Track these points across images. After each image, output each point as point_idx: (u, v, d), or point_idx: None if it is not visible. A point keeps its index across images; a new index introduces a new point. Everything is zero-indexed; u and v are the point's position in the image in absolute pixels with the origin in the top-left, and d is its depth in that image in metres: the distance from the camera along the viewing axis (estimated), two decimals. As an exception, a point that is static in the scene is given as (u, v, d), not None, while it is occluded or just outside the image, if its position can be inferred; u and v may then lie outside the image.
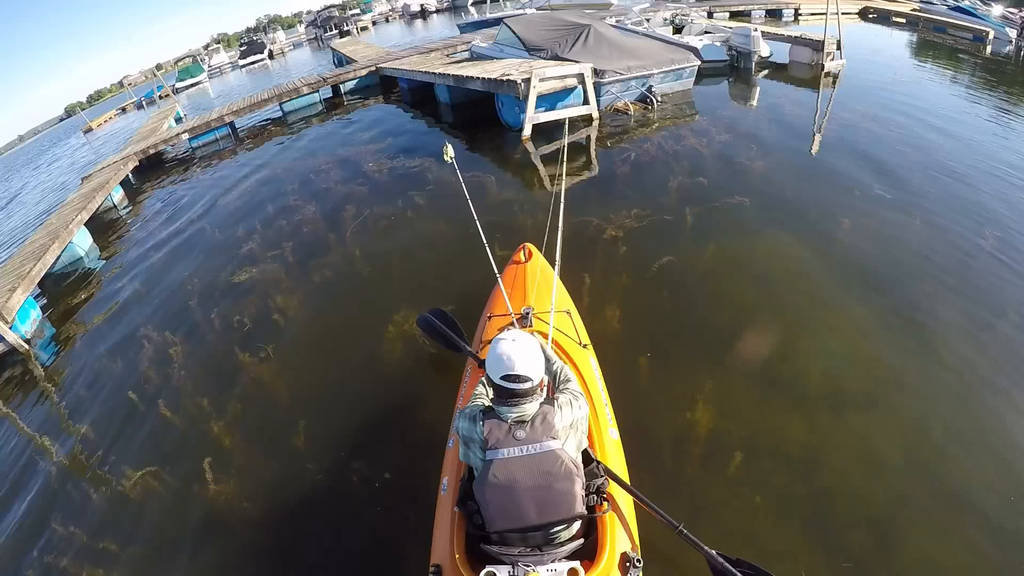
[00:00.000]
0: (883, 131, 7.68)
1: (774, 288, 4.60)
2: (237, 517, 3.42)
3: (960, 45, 14.53)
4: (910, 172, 6.31)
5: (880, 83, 10.52)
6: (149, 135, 14.62)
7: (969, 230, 5.08)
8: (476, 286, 4.32)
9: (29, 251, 7.72)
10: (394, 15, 54.21)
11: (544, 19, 12.26)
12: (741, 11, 19.36)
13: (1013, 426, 3.22)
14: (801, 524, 2.83)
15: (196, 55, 49.77)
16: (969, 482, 2.94)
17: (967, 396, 3.44)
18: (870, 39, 16.05)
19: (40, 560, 3.49)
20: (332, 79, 15.19)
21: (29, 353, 6.06)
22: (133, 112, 34.66)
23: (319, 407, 4.12)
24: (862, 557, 2.66)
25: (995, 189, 5.82)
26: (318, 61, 28.89)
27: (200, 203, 9.42)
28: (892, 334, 3.99)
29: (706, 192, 6.22)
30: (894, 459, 3.10)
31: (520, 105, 8.84)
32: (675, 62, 9.75)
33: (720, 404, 3.52)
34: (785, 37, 13.10)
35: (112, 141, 21.69)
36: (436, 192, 7.44)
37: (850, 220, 5.37)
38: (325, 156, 10.21)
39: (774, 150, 7.34)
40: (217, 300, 5.89)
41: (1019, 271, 4.49)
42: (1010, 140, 7.36)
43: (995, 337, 3.86)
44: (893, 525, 2.79)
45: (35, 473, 4.28)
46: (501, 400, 1.94)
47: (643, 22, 15.17)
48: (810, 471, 3.09)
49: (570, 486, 1.87)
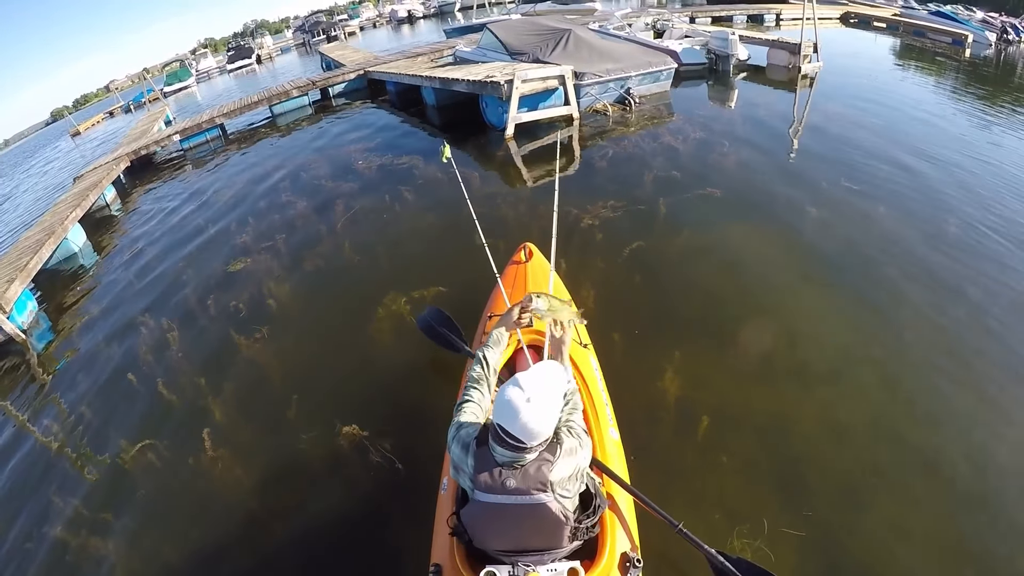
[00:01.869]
0: (854, 128, 8.12)
1: (743, 271, 4.89)
2: (233, 489, 3.58)
3: (939, 49, 15.06)
4: (878, 166, 6.71)
5: (856, 84, 11.04)
6: (140, 137, 14.77)
7: (933, 217, 5.45)
8: (471, 279, 4.47)
9: (24, 246, 7.89)
10: (381, 21, 54.45)
11: (526, 24, 12.66)
12: (723, 16, 19.85)
13: (971, 397, 3.45)
14: (769, 488, 3.02)
15: (184, 60, 49.72)
16: (931, 449, 3.15)
17: (928, 370, 3.69)
18: (849, 43, 16.63)
19: (39, 531, 3.65)
20: (321, 82, 15.47)
21: (26, 343, 6.21)
22: (121, 116, 34.51)
23: (314, 397, 4.27)
24: (828, 518, 2.83)
25: (959, 180, 6.24)
26: (306, 66, 29.04)
27: (193, 200, 9.63)
28: (857, 314, 4.26)
29: (679, 184, 6.59)
30: (859, 428, 3.32)
31: (503, 106, 9.17)
32: (652, 64, 10.15)
33: (690, 376, 3.74)
34: (763, 41, 13.55)
35: (101, 144, 21.72)
36: (424, 187, 7.73)
37: (817, 210, 5.74)
38: (315, 155, 10.47)
39: (747, 146, 7.74)
40: (212, 288, 6.13)
41: (979, 254, 4.83)
42: (980, 134, 7.88)
43: (955, 316, 4.14)
44: (859, 489, 2.98)
45: (33, 452, 4.43)
46: (500, 441, 1.76)
47: (625, 27, 15.60)
48: (777, 439, 3.28)
49: (558, 531, 1.83)
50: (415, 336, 4.07)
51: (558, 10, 21.67)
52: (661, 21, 16.52)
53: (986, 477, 3.01)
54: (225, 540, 3.28)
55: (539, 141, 9.05)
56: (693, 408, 3.50)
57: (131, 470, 3.96)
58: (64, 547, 3.49)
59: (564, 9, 22.23)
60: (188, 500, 3.64)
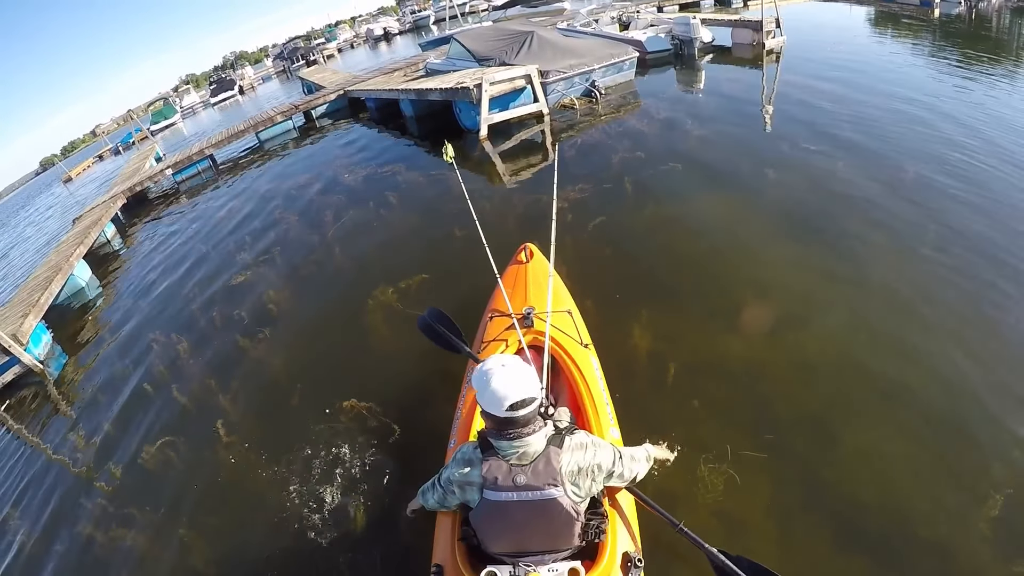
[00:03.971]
0: (816, 95, 8.50)
1: (708, 235, 5.20)
2: (246, 477, 3.84)
3: (907, 12, 15.32)
4: (838, 127, 7.07)
5: (821, 54, 11.43)
6: (133, 175, 15.26)
7: (890, 169, 5.75)
8: (469, 277, 4.69)
9: (34, 284, 8.30)
10: (359, 40, 55.37)
11: (490, 31, 13.17)
12: (691, 3, 20.22)
13: (930, 334, 3.65)
14: (736, 421, 3.21)
15: (167, 97, 50.42)
16: (896, 382, 3.32)
17: (892, 309, 3.89)
18: (817, 16, 16.95)
19: (71, 531, 3.96)
20: (303, 105, 15.98)
21: (44, 372, 6.55)
22: (110, 158, 35.16)
23: (317, 384, 4.62)
24: (803, 452, 3.00)
25: (917, 133, 6.57)
26: (288, 92, 29.59)
27: (191, 227, 10.10)
28: (821, 262, 4.52)
29: (644, 162, 7.02)
30: (826, 366, 3.52)
31: (475, 109, 9.65)
32: (614, 56, 10.64)
33: (660, 331, 4.03)
34: (725, 22, 13.98)
35: (95, 186, 22.20)
36: (408, 192, 8.20)
37: (777, 172, 6.09)
38: (305, 174, 10.93)
39: (710, 122, 8.18)
40: (216, 303, 6.54)
41: (937, 200, 5.10)
42: (937, 86, 8.28)
43: (913, 261, 4.37)
44: (825, 418, 3.16)
45: (60, 465, 4.78)
46: (501, 434, 1.83)
47: (592, 23, 16.07)
48: (747, 381, 3.49)
49: (567, 529, 1.86)
50: (408, 327, 4.18)
51: (528, 13, 22.13)
52: (626, 14, 16.99)
53: (948, 402, 3.17)
54: (239, 531, 3.50)
55: (512, 139, 9.52)
56: (664, 359, 3.76)
57: (152, 467, 4.29)
58: (90, 541, 3.80)
59: (534, 12, 22.71)
60: (203, 488, 3.92)
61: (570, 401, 2.97)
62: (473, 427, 2.68)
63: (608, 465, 1.94)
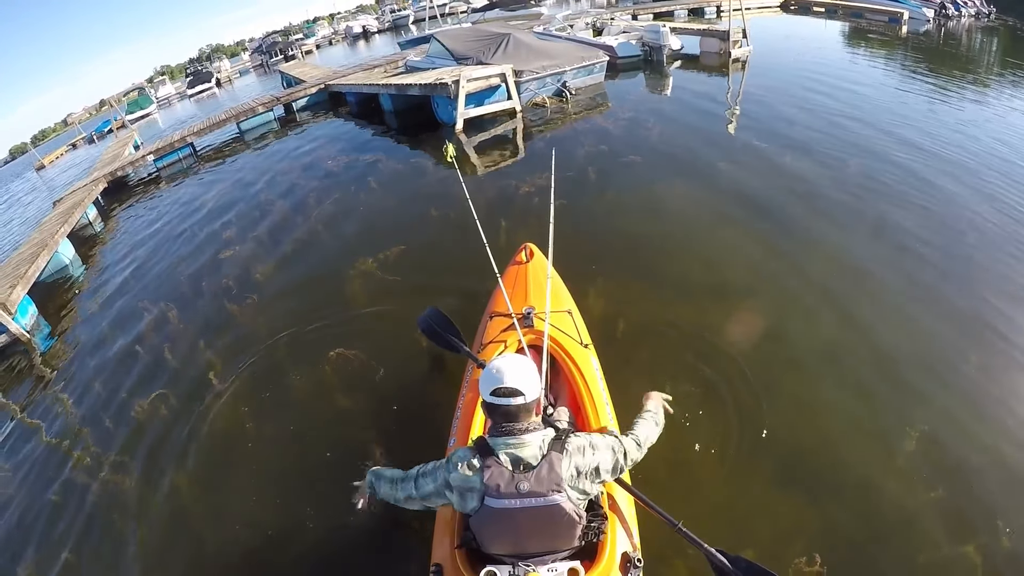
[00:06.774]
0: (773, 99, 9.39)
1: (663, 218, 5.84)
2: (236, 433, 4.07)
3: (874, 27, 16.39)
4: (792, 127, 7.92)
5: (783, 64, 12.40)
6: (112, 160, 15.36)
7: (837, 160, 6.52)
8: (467, 275, 4.84)
9: (19, 259, 8.50)
10: (337, 38, 55.22)
11: (469, 31, 13.83)
12: (664, 12, 21.04)
13: (865, 301, 4.18)
14: (683, 372, 3.65)
15: (142, 88, 49.67)
16: (832, 341, 3.81)
17: (830, 281, 4.43)
18: (785, 28, 17.97)
19: (68, 478, 4.15)
20: (285, 98, 16.31)
21: (30, 343, 6.72)
22: (84, 147, 34.51)
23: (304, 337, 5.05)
24: (742, 400, 3.36)
25: (864, 129, 7.46)
26: (266, 86, 29.45)
27: (175, 209, 10.38)
28: (767, 241, 5.06)
29: (607, 155, 7.71)
30: (770, 328, 3.96)
31: (452, 104, 10.24)
32: (585, 59, 11.36)
33: (614, 296, 4.46)
34: (694, 31, 14.77)
35: (72, 173, 21.95)
36: (388, 179, 8.71)
37: (730, 165, 6.82)
38: (287, 162, 11.31)
39: (671, 121, 8.96)
40: (205, 274, 6.91)
41: (878, 187, 5.82)
42: (889, 92, 9.34)
43: (852, 240, 4.97)
44: (768, 373, 3.57)
45: (54, 422, 4.99)
46: (497, 429, 1.86)
47: (567, 28, 16.76)
48: (697, 341, 3.92)
49: (569, 532, 1.88)
50: (407, 326, 4.21)
51: (505, 16, 22.67)
52: (601, 20, 17.72)
53: (876, 358, 3.66)
54: (229, 499, 3.62)
55: (486, 132, 10.13)
56: (614, 320, 4.23)
57: (145, 420, 4.52)
58: (86, 489, 3.98)
59: (511, 15, 23.25)
60: (197, 442, 4.13)
61: (570, 401, 3.01)
62: (473, 427, 2.72)
63: (607, 467, 1.95)
